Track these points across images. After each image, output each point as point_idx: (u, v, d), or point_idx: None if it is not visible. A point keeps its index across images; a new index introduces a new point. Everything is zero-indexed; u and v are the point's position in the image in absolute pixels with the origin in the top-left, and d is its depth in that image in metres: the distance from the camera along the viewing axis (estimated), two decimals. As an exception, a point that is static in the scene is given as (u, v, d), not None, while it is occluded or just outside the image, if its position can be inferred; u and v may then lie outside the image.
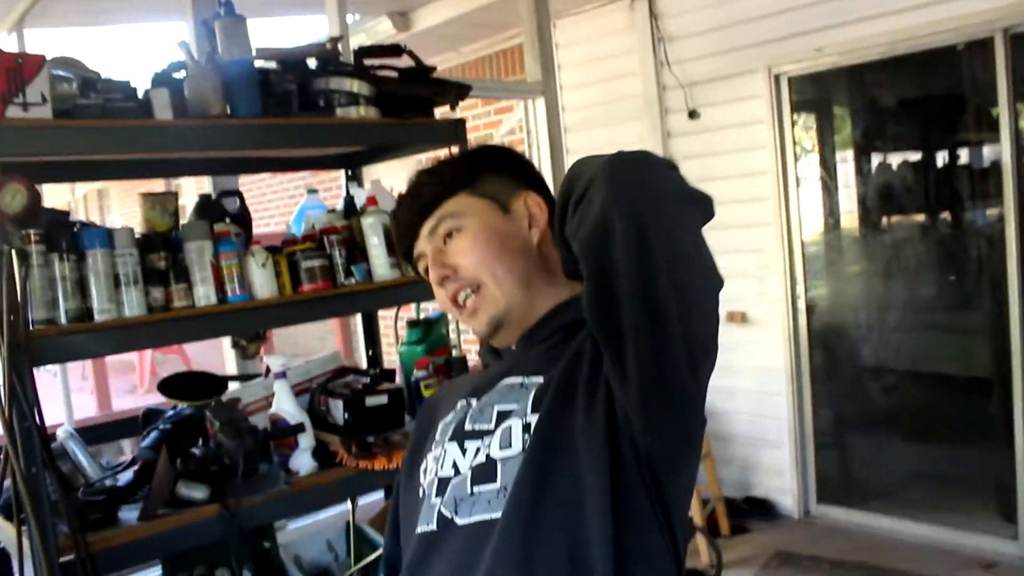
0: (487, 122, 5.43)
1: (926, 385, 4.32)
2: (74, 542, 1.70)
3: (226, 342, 2.80)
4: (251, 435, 1.95)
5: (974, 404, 4.13)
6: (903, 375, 4.34)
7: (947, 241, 4.20)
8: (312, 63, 2.26)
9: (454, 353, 2.46)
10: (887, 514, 3.90)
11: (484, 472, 1.06)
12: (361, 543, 2.37)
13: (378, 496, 2.81)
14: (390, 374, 2.52)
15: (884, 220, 4.44)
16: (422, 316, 2.57)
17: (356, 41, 3.95)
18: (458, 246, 1.16)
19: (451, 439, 1.13)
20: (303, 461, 2.07)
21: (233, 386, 2.38)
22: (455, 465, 1.10)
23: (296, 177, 7.30)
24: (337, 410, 2.17)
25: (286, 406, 2.10)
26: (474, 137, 5.62)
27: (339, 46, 2.29)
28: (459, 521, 1.05)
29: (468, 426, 1.13)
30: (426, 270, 1.21)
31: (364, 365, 2.81)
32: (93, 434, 2.46)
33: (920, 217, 4.36)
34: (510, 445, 1.05)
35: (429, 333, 2.45)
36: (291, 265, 2.10)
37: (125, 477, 1.96)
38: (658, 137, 4.09)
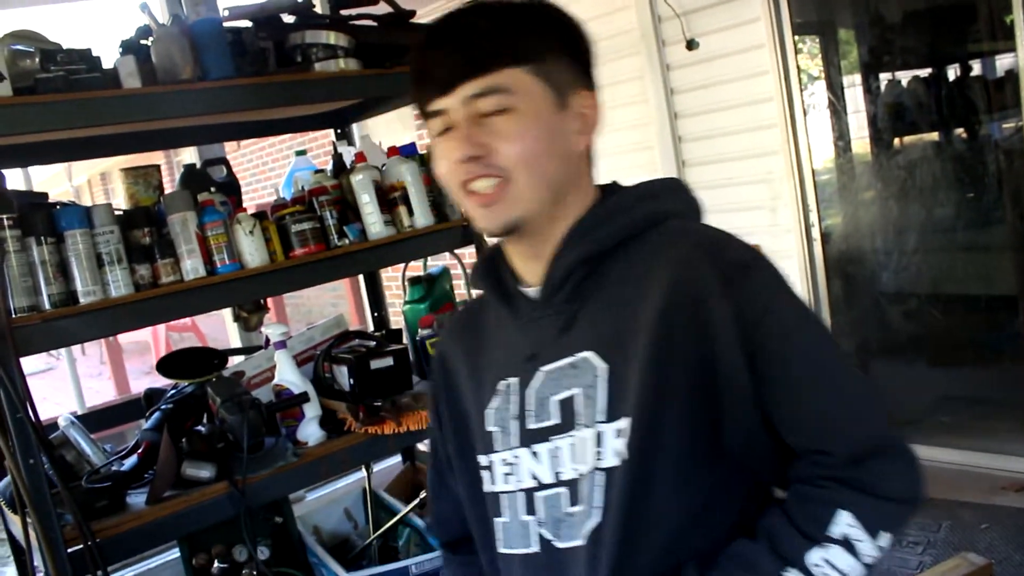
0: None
1: (949, 307, 4.21)
2: (80, 531, 1.65)
3: (228, 315, 2.74)
4: (254, 409, 1.90)
5: (1000, 323, 4.03)
6: (925, 299, 4.24)
7: (964, 157, 4.06)
8: (288, 19, 2.16)
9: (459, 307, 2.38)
10: (916, 442, 3.78)
11: (572, 491, 0.98)
12: (379, 510, 2.33)
13: (394, 460, 2.77)
14: (397, 335, 2.46)
15: (897, 141, 4.30)
16: (426, 272, 2.49)
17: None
18: (503, 128, 0.96)
19: (521, 443, 1.03)
20: (310, 431, 2.02)
21: (237, 360, 2.32)
22: (534, 476, 1.02)
23: (294, 143, 7.19)
24: (342, 376, 2.11)
25: (288, 376, 2.04)
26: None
27: (312, -3, 2.18)
28: (559, 544, 0.99)
29: (532, 424, 1.02)
30: (442, 131, 0.99)
31: (371, 327, 2.75)
32: (101, 419, 2.42)
33: (934, 135, 4.22)
34: (585, 460, 0.96)
35: (432, 289, 2.37)
36: (281, 230, 2.03)
37: (130, 461, 1.91)
38: (657, 71, 3.94)
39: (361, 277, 2.80)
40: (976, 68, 3.96)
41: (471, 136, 0.96)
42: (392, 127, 5.62)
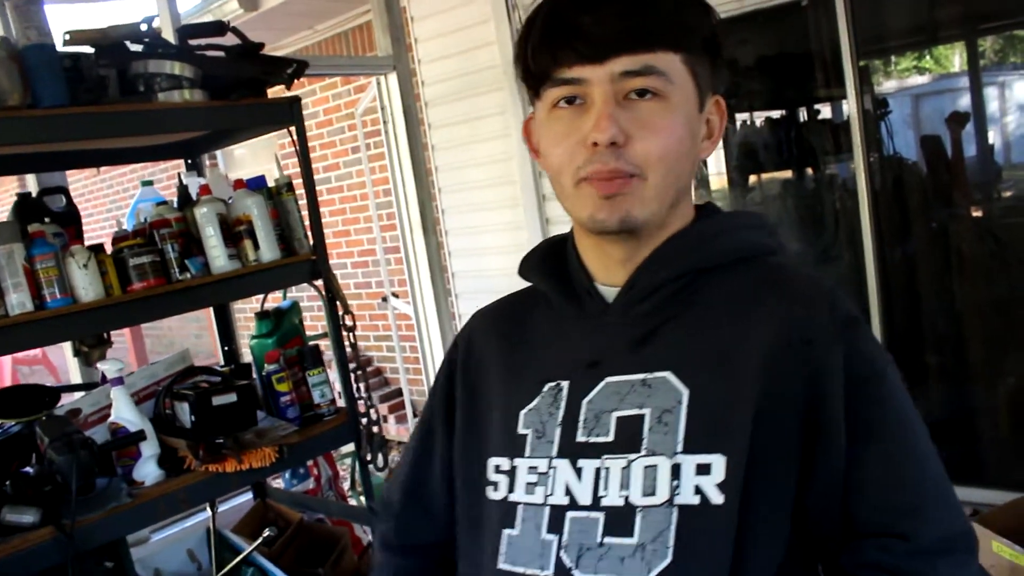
0: (347, 100, 5.28)
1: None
2: None
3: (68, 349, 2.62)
4: (85, 448, 1.82)
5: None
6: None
7: (811, 195, 4.31)
8: (135, 47, 2.11)
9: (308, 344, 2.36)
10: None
11: (620, 520, 0.85)
12: (223, 549, 2.27)
13: (243, 499, 2.70)
14: (245, 370, 2.41)
15: (753, 178, 4.52)
16: (274, 306, 2.45)
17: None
18: (651, 117, 0.85)
19: (563, 455, 0.91)
20: (148, 470, 1.96)
21: (77, 395, 2.23)
22: (569, 491, 0.89)
23: (156, 170, 6.96)
24: (184, 413, 2.05)
25: (125, 414, 1.97)
26: (334, 117, 5.48)
27: (155, 25, 2.13)
28: (578, 574, 0.86)
29: (581, 437, 0.90)
30: (562, 102, 0.88)
31: (222, 362, 2.68)
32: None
33: (787, 173, 4.46)
34: (653, 492, 0.84)
35: (280, 324, 2.34)
36: (119, 263, 1.97)
37: (-57, 509, 1.80)
38: (519, 106, 4.03)
39: (211, 311, 2.73)
40: (824, 112, 4.22)
41: (616, 120, 0.84)
42: (258, 157, 5.54)
